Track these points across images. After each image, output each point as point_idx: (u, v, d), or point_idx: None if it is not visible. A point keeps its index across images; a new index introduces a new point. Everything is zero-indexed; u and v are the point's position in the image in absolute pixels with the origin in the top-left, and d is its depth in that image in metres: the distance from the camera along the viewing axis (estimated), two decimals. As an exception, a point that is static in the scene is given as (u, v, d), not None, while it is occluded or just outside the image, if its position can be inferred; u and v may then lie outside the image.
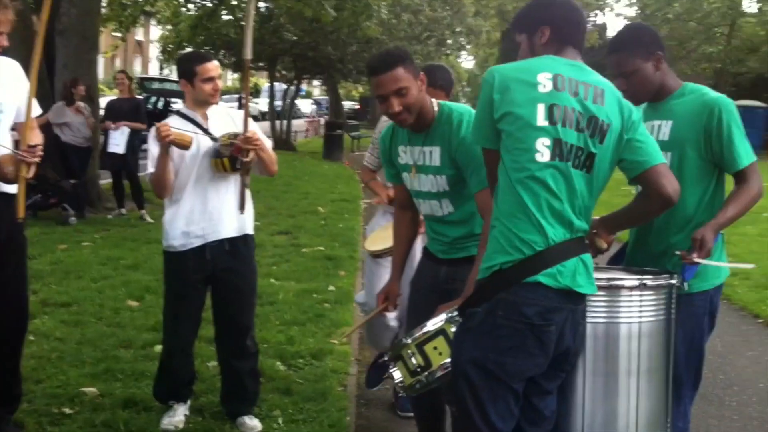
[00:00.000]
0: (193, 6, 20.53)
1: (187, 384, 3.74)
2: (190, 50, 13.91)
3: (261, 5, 19.60)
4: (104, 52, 17.62)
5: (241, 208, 3.53)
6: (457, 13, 28.01)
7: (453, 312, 2.50)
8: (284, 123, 24.02)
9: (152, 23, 30.67)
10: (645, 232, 2.86)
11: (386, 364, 3.90)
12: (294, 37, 21.29)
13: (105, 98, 12.36)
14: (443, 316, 2.54)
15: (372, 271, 4.08)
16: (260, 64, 23.43)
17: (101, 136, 9.88)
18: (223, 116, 3.61)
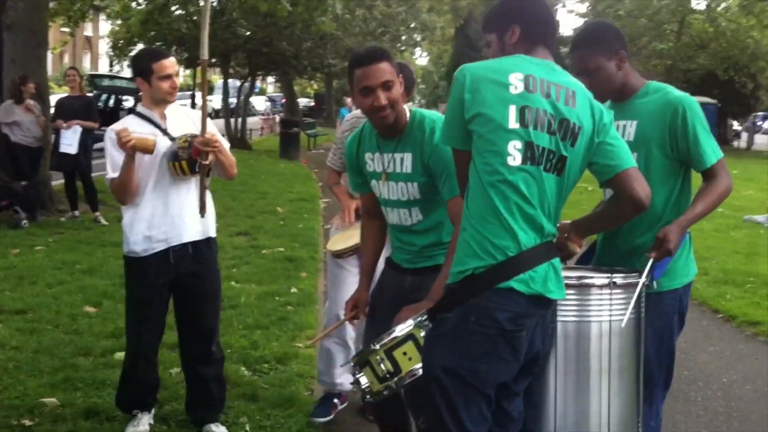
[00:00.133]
0: (144, 0, 20.14)
1: (151, 392, 3.66)
2: (145, 47, 13.68)
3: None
4: (53, 48, 17.14)
5: (202, 211, 3.42)
6: (412, 9, 28.02)
7: (422, 316, 2.45)
8: (239, 121, 23.75)
9: (102, 18, 30.00)
10: (614, 232, 2.85)
11: (334, 395, 3.88)
12: (247, 33, 21.08)
13: (54, 96, 12.03)
14: (411, 322, 2.49)
15: (335, 275, 3.98)
16: (213, 60, 23.11)
17: (52, 136, 9.59)
18: (181, 116, 3.53)
